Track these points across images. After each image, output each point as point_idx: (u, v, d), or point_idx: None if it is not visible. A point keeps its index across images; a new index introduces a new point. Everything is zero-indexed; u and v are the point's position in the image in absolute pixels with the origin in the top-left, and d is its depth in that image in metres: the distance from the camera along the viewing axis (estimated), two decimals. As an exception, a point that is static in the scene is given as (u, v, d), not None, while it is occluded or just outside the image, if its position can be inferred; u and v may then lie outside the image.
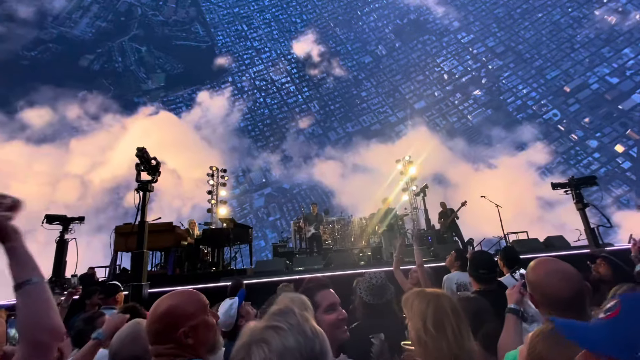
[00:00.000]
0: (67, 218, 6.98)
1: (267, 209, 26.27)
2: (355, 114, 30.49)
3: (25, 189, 15.33)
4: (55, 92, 20.21)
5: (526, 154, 23.12)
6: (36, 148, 17.39)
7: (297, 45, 30.57)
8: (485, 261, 2.47)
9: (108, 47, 27.20)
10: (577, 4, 28.74)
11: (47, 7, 26.17)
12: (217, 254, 8.44)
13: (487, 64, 29.27)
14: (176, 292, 1.20)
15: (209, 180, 12.49)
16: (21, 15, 22.92)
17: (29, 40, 24.01)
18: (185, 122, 22.97)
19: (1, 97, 19.27)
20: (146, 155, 4.83)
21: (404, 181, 12.60)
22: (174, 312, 1.12)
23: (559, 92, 27.21)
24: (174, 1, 29.81)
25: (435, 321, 1.07)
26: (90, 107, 21.41)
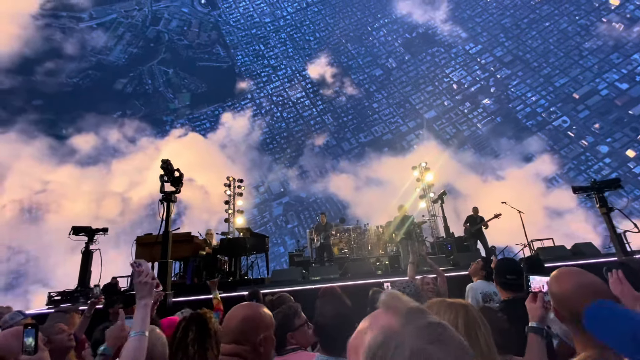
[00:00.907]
0: (92, 229, 7.22)
1: (286, 216, 27.81)
2: (367, 124, 31.85)
3: (75, 207, 17.55)
4: (97, 118, 22.82)
5: (533, 166, 23.82)
6: (83, 170, 19.76)
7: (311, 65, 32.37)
8: (512, 267, 2.35)
9: (139, 71, 29.81)
10: (584, 12, 29.28)
11: (86, 37, 29.07)
12: (234, 263, 8.50)
13: (496, 73, 30.11)
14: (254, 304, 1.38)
15: (226, 191, 12.65)
16: (68, 51, 25.72)
17: (71, 69, 26.78)
18: (211, 141, 24.95)
19: (54, 125, 21.95)
20: (170, 167, 4.88)
21: (420, 188, 12.37)
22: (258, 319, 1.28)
23: (568, 99, 27.72)
24: (197, 26, 32.28)
25: (468, 332, 1.01)
26: (128, 131, 23.83)
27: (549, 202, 19.99)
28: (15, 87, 21.76)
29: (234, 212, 12.44)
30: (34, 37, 23.28)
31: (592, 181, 6.13)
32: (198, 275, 7.86)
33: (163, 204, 4.82)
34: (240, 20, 33.22)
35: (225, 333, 1.27)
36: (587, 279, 1.12)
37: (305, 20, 33.85)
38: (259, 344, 1.24)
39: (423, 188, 12.21)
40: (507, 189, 19.52)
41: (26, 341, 1.42)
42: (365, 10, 34.23)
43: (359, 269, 7.53)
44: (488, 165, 24.90)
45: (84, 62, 27.56)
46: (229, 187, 12.63)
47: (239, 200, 12.73)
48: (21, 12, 23.23)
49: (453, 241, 9.10)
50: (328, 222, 9.14)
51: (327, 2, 34.58)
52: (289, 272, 7.62)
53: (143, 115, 28.07)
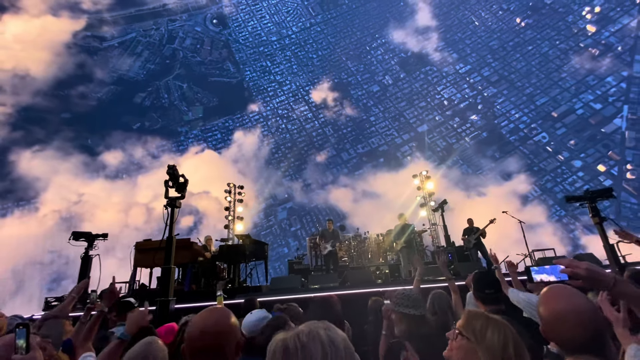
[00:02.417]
0: (92, 235, 7.20)
1: (289, 220, 30.43)
2: (365, 136, 34.53)
3: (106, 216, 20.16)
4: (124, 136, 25.66)
5: (511, 184, 26.49)
6: (112, 183, 22.50)
7: (314, 82, 35.10)
8: (491, 280, 2.37)
9: (156, 86, 32.53)
10: (564, 37, 32.06)
11: (109, 55, 31.80)
12: (233, 270, 8.35)
13: (483, 92, 32.85)
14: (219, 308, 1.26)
15: (226, 197, 12.28)
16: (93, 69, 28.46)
17: (96, 86, 29.52)
18: (224, 156, 27.59)
19: (86, 143, 24.80)
20: (175, 173, 4.83)
21: (421, 196, 12.41)
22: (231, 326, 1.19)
23: (547, 116, 30.45)
24: (209, 44, 35.02)
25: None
26: (151, 148, 26.58)
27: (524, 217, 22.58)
28: (51, 107, 24.61)
29: (233, 219, 12.17)
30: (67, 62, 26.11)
31: (585, 190, 6.04)
32: (196, 282, 7.75)
33: (167, 210, 4.80)
34: (248, 39, 35.96)
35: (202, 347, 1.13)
36: (570, 305, 1.09)
37: (308, 39, 36.61)
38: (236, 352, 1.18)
39: (423, 196, 12.25)
40: (487, 205, 22.10)
41: (18, 342, 1.39)
42: (365, 31, 37.00)
43: (359, 277, 7.44)
44: (472, 181, 27.55)
45: (107, 79, 30.28)
46: (230, 194, 12.38)
47: (239, 206, 12.45)
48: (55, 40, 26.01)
49: (454, 250, 9.07)
50: (335, 229, 8.95)
51: (329, 23, 37.34)
52: (288, 280, 7.53)
53: (160, 127, 30.80)
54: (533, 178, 28.52)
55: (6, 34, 24.48)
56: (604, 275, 1.09)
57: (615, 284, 1.08)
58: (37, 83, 24.47)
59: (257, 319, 2.10)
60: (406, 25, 36.14)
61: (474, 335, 1.11)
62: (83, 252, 7.09)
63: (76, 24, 28.12)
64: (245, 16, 36.46)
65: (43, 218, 19.76)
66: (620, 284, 1.08)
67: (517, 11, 34.09)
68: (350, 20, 37.26)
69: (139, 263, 7.57)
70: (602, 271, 1.10)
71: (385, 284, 7.50)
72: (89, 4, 29.39)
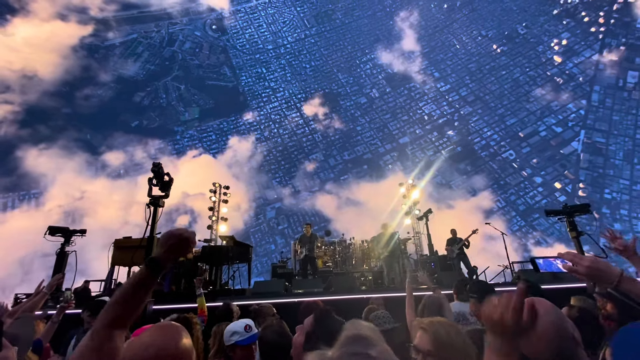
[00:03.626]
0: (69, 230, 7.03)
1: (277, 219, 32.54)
2: (351, 144, 37.03)
3: (108, 213, 21.72)
4: (126, 138, 27.30)
5: (476, 199, 29.49)
6: (114, 182, 24.01)
7: (305, 90, 37.33)
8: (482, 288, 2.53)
9: (155, 86, 34.05)
10: (534, 65, 35.50)
11: (109, 54, 33.10)
12: (215, 272, 8.11)
13: (460, 110, 35.93)
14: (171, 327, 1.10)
15: (211, 197, 11.97)
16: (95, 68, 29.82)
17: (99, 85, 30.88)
18: (219, 160, 29.48)
19: (89, 144, 26.26)
20: (160, 171, 4.76)
21: (406, 204, 12.49)
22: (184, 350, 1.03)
23: (515, 136, 33.77)
24: (207, 48, 36.71)
25: None
26: (150, 150, 28.24)
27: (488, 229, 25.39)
28: (57, 107, 25.96)
29: (217, 219, 11.90)
30: (73, 64, 27.49)
31: (563, 205, 5.98)
32: (176, 283, 7.57)
33: (150, 208, 4.70)
34: (245, 46, 37.83)
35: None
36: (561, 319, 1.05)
37: (303, 49, 38.79)
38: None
39: (409, 205, 12.35)
40: (454, 217, 24.85)
41: None
42: (355, 45, 39.49)
43: (343, 283, 7.40)
44: (443, 194, 30.44)
45: (108, 77, 31.64)
46: (215, 194, 12.11)
47: (224, 207, 12.16)
48: (63, 43, 27.30)
49: (437, 259, 9.17)
50: (313, 233, 9.03)
51: (322, 35, 39.63)
52: (271, 284, 7.38)
53: (158, 126, 32.38)
54: (499, 191, 31.77)
55: (16, 37, 25.78)
56: (608, 272, 1.07)
57: (620, 282, 1.07)
58: (45, 84, 25.86)
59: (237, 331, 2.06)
60: (394, 44, 38.88)
61: None
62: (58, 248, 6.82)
63: (83, 29, 29.45)
64: (244, 24, 38.32)
65: (48, 212, 21.22)
66: (626, 281, 1.07)
67: (495, 38, 37.34)
68: (342, 35, 39.67)
69: (117, 261, 7.32)
70: (607, 267, 1.08)
71: (369, 290, 7.37)
72: (95, 10, 30.74)
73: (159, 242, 1.14)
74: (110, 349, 0.96)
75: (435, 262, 9.13)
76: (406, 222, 12.45)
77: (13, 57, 24.67)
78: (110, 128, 27.85)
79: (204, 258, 8.27)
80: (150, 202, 4.80)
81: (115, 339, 0.99)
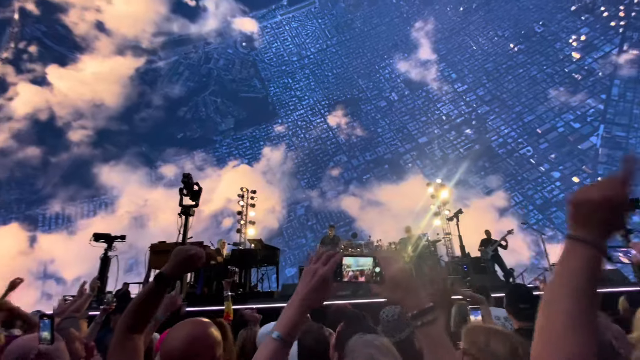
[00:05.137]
0: (111, 237, 7.35)
1: (307, 216, 35.90)
2: (373, 145, 39.61)
3: (167, 218, 25.94)
4: (177, 151, 31.97)
5: (491, 198, 30.83)
6: (169, 191, 28.31)
7: (328, 95, 40.33)
8: (525, 295, 2.30)
9: (195, 101, 38.43)
10: (551, 62, 36.19)
11: (156, 76, 37.81)
12: (244, 274, 8.30)
13: (477, 109, 37.39)
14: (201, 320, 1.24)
15: (239, 201, 12.31)
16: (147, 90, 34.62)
17: (149, 104, 35.69)
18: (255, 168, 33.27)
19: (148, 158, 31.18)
20: (190, 182, 4.84)
21: (436, 205, 12.22)
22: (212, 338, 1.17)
23: (532, 133, 34.84)
24: (239, 64, 40.61)
25: None
26: (197, 162, 32.69)
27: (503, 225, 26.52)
28: (121, 129, 31.08)
29: (245, 223, 12.25)
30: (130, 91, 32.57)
31: None
32: (208, 286, 7.79)
33: (181, 217, 4.69)
34: (272, 59, 41.35)
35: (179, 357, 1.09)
36: None
37: (325, 59, 41.73)
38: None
39: (438, 206, 12.09)
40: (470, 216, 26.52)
41: (42, 334, 1.44)
42: (374, 52, 41.82)
43: None
44: (458, 193, 32.29)
45: (158, 97, 36.38)
46: (242, 198, 12.52)
47: (252, 211, 12.52)
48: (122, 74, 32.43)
49: (469, 262, 8.82)
50: (336, 235, 8.95)
51: (343, 44, 42.31)
52: None
53: (199, 136, 36.76)
54: (516, 186, 33.18)
55: (86, 72, 31.10)
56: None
57: None
58: (110, 110, 31.16)
59: None
60: (411, 48, 40.81)
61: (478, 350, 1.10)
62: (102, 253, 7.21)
63: (137, 61, 34.43)
64: (270, 39, 41.82)
65: (120, 217, 25.88)
66: None
67: (511, 37, 38.29)
68: (361, 42, 42.13)
69: (154, 265, 7.71)
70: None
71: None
72: (146, 42, 35.59)
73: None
74: (132, 347, 1.17)
75: (467, 265, 8.65)
76: (435, 223, 12.13)
77: (84, 89, 30.09)
78: (163, 143, 32.56)
79: (234, 261, 8.49)
80: (181, 211, 4.99)
81: (134, 339, 1.20)
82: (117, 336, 1.19)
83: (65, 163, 30.16)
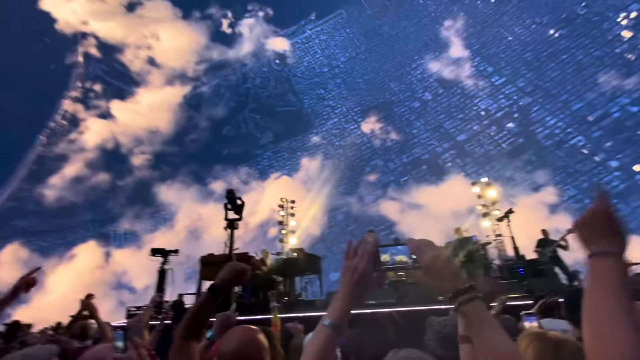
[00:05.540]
0: (166, 250, 7.67)
1: (347, 221, 36.70)
2: (409, 147, 39.48)
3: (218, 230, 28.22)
4: (223, 167, 34.77)
5: (539, 195, 28.69)
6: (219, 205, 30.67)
7: (360, 102, 41.07)
8: None
9: (236, 119, 41.16)
10: (599, 44, 33.78)
11: (201, 99, 41.17)
12: (288, 283, 8.41)
13: (519, 101, 35.84)
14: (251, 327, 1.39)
15: (279, 212, 12.69)
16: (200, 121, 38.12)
17: (196, 126, 38.99)
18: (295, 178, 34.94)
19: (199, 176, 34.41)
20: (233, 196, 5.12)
21: (482, 205, 11.78)
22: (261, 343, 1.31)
23: (582, 121, 32.62)
24: (274, 80, 42.88)
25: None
26: (242, 176, 35.28)
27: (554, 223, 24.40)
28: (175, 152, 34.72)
29: (287, 233, 12.57)
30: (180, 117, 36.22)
31: None
32: (255, 295, 7.97)
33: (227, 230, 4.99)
34: (305, 72, 43.08)
35: None
36: None
37: (355, 66, 42.60)
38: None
39: (486, 206, 11.61)
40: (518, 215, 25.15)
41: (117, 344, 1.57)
42: (404, 54, 41.86)
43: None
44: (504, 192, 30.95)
45: (205, 120, 39.66)
46: (282, 208, 12.87)
47: (292, 220, 12.83)
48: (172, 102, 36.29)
49: (525, 264, 8.38)
50: None
51: (372, 50, 42.92)
52: None
53: (242, 152, 39.28)
54: (568, 179, 31.19)
55: (142, 103, 35.38)
56: None
57: None
58: (164, 135, 34.84)
59: None
60: (442, 46, 40.30)
61: None
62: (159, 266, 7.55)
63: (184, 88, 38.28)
64: (301, 53, 43.65)
65: (178, 232, 28.72)
66: None
67: (551, 23, 36.36)
68: (390, 46, 42.42)
69: (204, 275, 7.93)
70: None
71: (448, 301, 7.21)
72: (191, 71, 39.27)
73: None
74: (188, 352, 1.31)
75: (523, 268, 8.12)
76: (484, 224, 11.61)
77: (142, 119, 34.31)
78: (211, 161, 35.51)
79: (277, 270, 8.67)
80: (227, 225, 5.31)
81: (191, 345, 1.33)
82: (176, 342, 1.34)
83: (130, 185, 34.21)
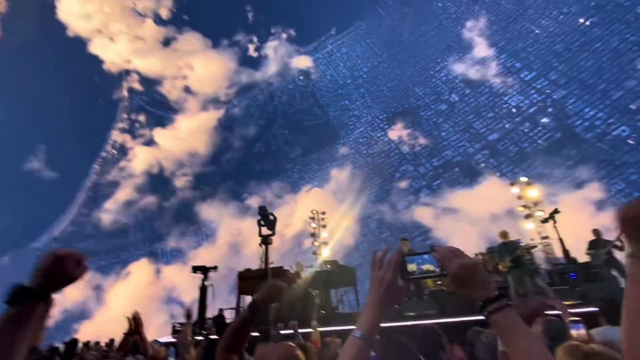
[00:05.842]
0: (206, 267, 7.94)
1: (380, 229, 36.83)
2: (438, 150, 39.13)
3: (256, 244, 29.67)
4: (257, 183, 36.62)
5: (583, 192, 26.62)
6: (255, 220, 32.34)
7: (386, 109, 41.48)
8: None
9: (267, 136, 43.00)
10: (635, 28, 32.02)
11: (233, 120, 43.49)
12: (324, 296, 8.39)
13: (552, 95, 34.57)
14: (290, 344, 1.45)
15: (311, 224, 12.83)
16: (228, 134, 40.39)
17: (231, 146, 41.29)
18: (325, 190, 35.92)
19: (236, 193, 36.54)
20: (265, 212, 5.30)
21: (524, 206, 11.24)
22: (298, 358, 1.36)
23: (624, 110, 30.85)
24: (299, 96, 44.52)
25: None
26: (275, 191, 36.88)
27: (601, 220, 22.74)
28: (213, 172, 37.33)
29: (320, 245, 12.64)
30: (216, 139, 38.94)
31: None
32: (293, 308, 7.90)
33: (261, 246, 5.24)
34: (328, 85, 44.33)
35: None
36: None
37: (377, 75, 43.23)
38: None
39: (528, 207, 11.01)
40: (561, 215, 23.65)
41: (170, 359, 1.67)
42: (427, 58, 41.91)
43: (459, 303, 6.47)
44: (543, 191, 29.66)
45: (237, 139, 41.96)
46: (314, 220, 12.99)
47: (324, 232, 12.86)
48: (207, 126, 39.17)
49: (577, 268, 7.93)
50: (411, 250, 8.14)
51: (394, 57, 43.39)
52: None
53: (273, 167, 40.90)
54: (615, 172, 29.47)
55: (181, 129, 38.45)
56: None
57: None
58: (202, 157, 37.69)
59: None
60: (466, 46, 39.93)
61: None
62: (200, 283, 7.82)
63: (218, 112, 41.09)
64: (324, 67, 45.03)
65: (219, 247, 30.51)
66: None
67: (580, 12, 35.02)
68: (412, 52, 42.67)
69: (242, 291, 8.08)
70: None
71: None
72: (223, 95, 42.08)
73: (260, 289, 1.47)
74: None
75: (575, 272, 7.68)
76: (527, 226, 11.03)
77: (182, 143, 37.49)
78: (246, 177, 37.51)
79: (312, 283, 8.67)
80: (261, 240, 5.53)
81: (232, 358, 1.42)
82: (219, 355, 1.41)
83: (174, 205, 36.93)
